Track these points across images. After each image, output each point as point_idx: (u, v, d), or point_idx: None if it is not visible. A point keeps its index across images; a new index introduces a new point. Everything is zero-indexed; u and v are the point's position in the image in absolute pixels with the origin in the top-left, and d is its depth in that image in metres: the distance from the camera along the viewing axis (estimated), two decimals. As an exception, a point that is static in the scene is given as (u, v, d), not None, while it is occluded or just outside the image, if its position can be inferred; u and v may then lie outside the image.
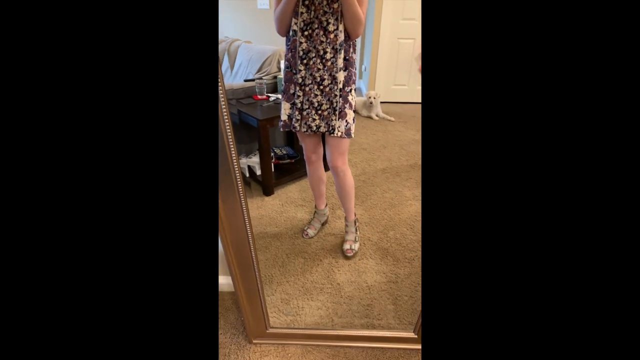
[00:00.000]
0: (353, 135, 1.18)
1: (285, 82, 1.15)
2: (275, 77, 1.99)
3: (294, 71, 1.10)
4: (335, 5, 0.98)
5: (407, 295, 1.21)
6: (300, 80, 1.10)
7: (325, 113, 1.14)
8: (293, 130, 1.21)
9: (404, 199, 1.79)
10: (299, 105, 1.14)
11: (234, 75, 2.26)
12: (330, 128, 1.15)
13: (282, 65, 1.96)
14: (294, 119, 1.17)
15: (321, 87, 1.10)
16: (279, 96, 1.87)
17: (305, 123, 1.16)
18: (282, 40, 1.14)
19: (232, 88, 1.83)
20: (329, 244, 1.46)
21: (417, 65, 3.18)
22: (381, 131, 2.68)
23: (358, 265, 1.35)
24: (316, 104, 1.12)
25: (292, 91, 1.14)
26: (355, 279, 1.29)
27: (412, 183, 1.95)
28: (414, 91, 3.28)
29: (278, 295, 1.21)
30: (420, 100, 3.30)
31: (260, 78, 1.94)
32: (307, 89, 1.10)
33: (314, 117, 1.14)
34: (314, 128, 1.16)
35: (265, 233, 1.53)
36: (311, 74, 1.08)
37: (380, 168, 2.13)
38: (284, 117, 1.19)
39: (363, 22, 1.01)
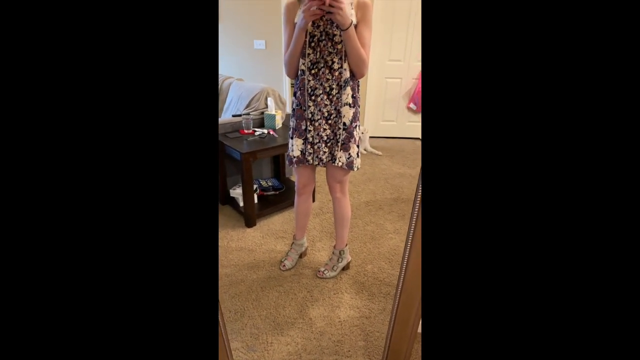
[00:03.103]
0: (355, 169, 1.24)
1: (296, 120, 1.22)
2: (262, 113, 2.08)
3: (304, 108, 1.18)
4: (339, 46, 1.08)
5: (379, 332, 1.19)
6: (310, 115, 1.18)
7: (330, 144, 1.21)
8: (306, 165, 1.26)
9: (385, 232, 1.81)
10: (310, 139, 1.21)
11: (224, 111, 2.36)
12: (332, 157, 1.22)
13: (269, 102, 2.06)
14: (306, 153, 1.23)
15: (329, 121, 1.18)
16: (265, 131, 1.95)
17: (317, 156, 1.23)
18: (274, 78, 1.24)
19: (220, 123, 1.91)
20: (306, 277, 1.46)
21: (404, 102, 3.32)
22: (368, 164, 2.74)
23: (332, 299, 1.34)
24: (325, 137, 1.20)
25: (303, 127, 1.21)
26: (328, 313, 1.27)
27: (394, 216, 1.97)
28: (402, 127, 3.40)
29: (248, 330, 1.19)
30: (407, 136, 3.41)
31: (248, 113, 2.03)
32: (316, 124, 1.18)
33: (324, 149, 1.21)
34: (325, 160, 1.23)
35: (243, 265, 1.53)
36: (320, 110, 1.16)
37: (364, 201, 2.16)
38: (296, 152, 1.24)
39: (366, 62, 1.10)
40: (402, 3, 2.94)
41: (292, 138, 1.24)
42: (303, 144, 1.23)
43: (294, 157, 1.25)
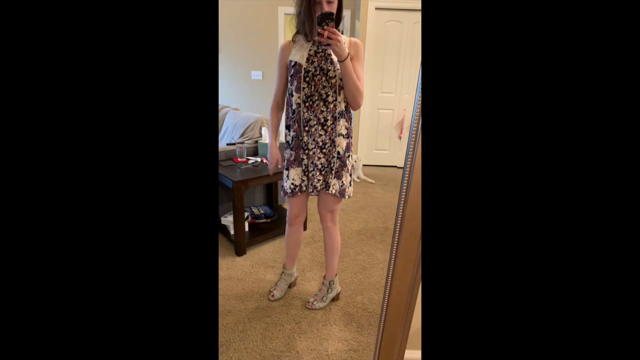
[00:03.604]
0: (347, 197, 1.27)
1: (295, 150, 1.25)
2: (256, 142, 2.13)
3: (300, 138, 1.23)
4: (333, 81, 1.14)
5: (367, 366, 1.16)
6: (303, 145, 1.22)
7: (324, 172, 1.25)
8: (300, 194, 1.29)
9: (375, 262, 1.80)
10: (303, 167, 1.25)
11: (219, 139, 2.41)
12: (326, 185, 1.25)
13: (263, 132, 2.11)
14: (300, 181, 1.27)
15: (324, 150, 1.22)
16: (258, 159, 1.98)
17: (312, 184, 1.25)
18: (269, 107, 1.33)
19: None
20: (295, 308, 1.44)
21: (396, 132, 3.41)
22: (361, 193, 2.77)
23: (321, 331, 1.32)
24: (320, 166, 1.24)
25: (302, 157, 1.25)
26: (315, 346, 1.24)
27: (386, 245, 1.97)
28: (394, 156, 3.47)
29: (233, 364, 1.16)
30: (399, 165, 3.46)
31: (242, 142, 2.07)
32: (310, 152, 1.23)
33: (318, 177, 1.25)
34: (319, 187, 1.26)
35: (231, 295, 1.50)
36: (314, 140, 1.21)
37: (355, 229, 2.16)
38: (298, 181, 1.26)
39: (362, 93, 1.16)
40: (393, 39, 3.10)
41: (287, 169, 1.27)
42: (301, 172, 1.27)
43: (296, 186, 1.27)
